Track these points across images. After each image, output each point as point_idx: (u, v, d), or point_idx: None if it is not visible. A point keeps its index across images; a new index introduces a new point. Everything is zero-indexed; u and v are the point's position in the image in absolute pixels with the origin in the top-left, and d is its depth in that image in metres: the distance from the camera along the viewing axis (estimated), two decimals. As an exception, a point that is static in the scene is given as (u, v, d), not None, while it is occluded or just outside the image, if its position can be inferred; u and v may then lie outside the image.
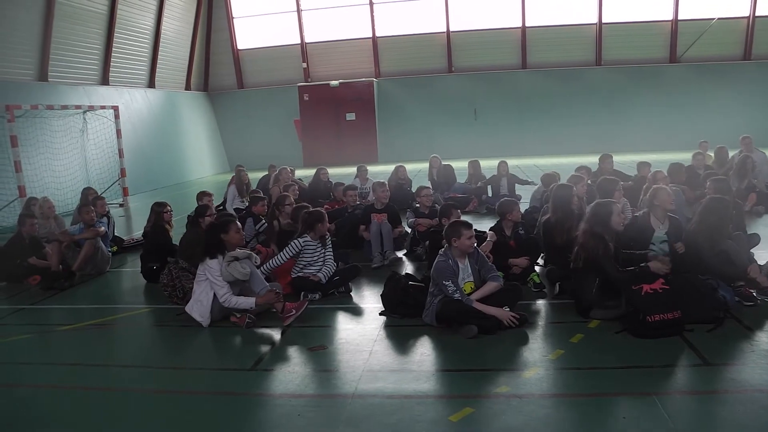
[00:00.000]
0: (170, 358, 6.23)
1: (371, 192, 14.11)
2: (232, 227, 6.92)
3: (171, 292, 7.56)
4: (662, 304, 5.60)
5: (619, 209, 6.46)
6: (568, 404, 4.62)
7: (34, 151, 16.47)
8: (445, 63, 29.08)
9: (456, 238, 6.22)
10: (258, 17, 29.76)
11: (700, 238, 6.46)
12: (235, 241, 6.87)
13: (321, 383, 5.27)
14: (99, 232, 9.53)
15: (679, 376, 5.03)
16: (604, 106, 27.52)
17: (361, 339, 6.12)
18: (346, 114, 28.68)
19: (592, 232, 6.25)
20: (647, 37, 27.67)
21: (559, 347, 5.58)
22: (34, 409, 5.02)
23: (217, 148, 29.86)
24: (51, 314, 7.93)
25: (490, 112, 28.44)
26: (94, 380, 5.56)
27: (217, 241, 6.79)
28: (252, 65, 30.31)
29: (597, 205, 6.51)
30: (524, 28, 28.22)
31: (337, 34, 29.33)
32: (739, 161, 12.02)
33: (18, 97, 16.28)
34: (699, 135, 19.07)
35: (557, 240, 7.27)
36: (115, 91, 22.24)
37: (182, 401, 5.04)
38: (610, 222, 6.26)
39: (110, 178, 19.51)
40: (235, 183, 13.85)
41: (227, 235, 6.82)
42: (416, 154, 23.89)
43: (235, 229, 6.94)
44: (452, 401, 4.75)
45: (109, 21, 21.84)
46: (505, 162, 14.04)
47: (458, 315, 5.96)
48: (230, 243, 6.82)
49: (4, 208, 14.82)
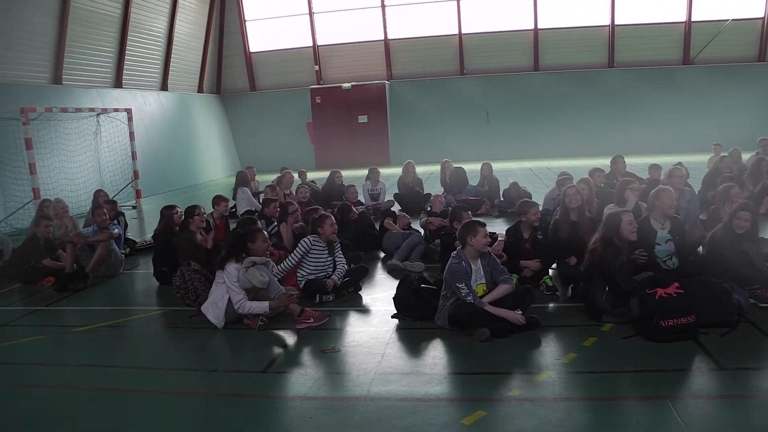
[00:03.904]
0: (183, 359, 6.25)
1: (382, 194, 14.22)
2: (260, 236, 6.95)
3: (183, 294, 7.59)
4: (677, 309, 5.56)
5: (629, 218, 6.43)
6: (580, 408, 4.59)
7: (49, 154, 16.62)
8: (457, 65, 29.05)
9: (472, 236, 6.21)
10: (270, 20, 29.87)
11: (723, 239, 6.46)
12: (261, 250, 6.92)
13: (333, 386, 5.27)
14: (112, 234, 9.58)
15: (693, 380, 4.99)
16: (616, 108, 27.37)
17: (374, 341, 6.12)
18: (359, 116, 28.69)
19: (605, 240, 6.28)
20: (660, 38, 27.50)
21: (571, 351, 5.56)
22: (48, 409, 5.05)
23: (230, 150, 29.97)
24: (65, 316, 7.98)
25: (502, 114, 28.37)
26: (108, 381, 5.59)
27: (242, 249, 6.83)
28: (264, 68, 30.41)
29: (609, 216, 6.57)
30: (536, 30, 28.15)
31: (349, 36, 29.38)
32: (754, 164, 11.93)
33: (33, 100, 16.43)
34: (712, 137, 19.02)
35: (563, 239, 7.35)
36: (129, 93, 22.38)
37: (195, 403, 5.06)
38: (620, 231, 6.28)
39: (123, 180, 19.64)
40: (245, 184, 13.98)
41: (254, 243, 6.87)
42: (428, 157, 23.87)
43: (262, 238, 6.98)
44: (465, 404, 4.74)
45: (123, 24, 21.99)
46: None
47: (471, 318, 5.95)
48: (256, 252, 6.87)
49: (19, 210, 14.93)
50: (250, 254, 6.81)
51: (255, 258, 6.80)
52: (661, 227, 7.07)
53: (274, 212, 10.11)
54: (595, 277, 6.29)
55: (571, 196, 7.74)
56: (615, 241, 6.28)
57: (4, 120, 15.23)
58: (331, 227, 7.73)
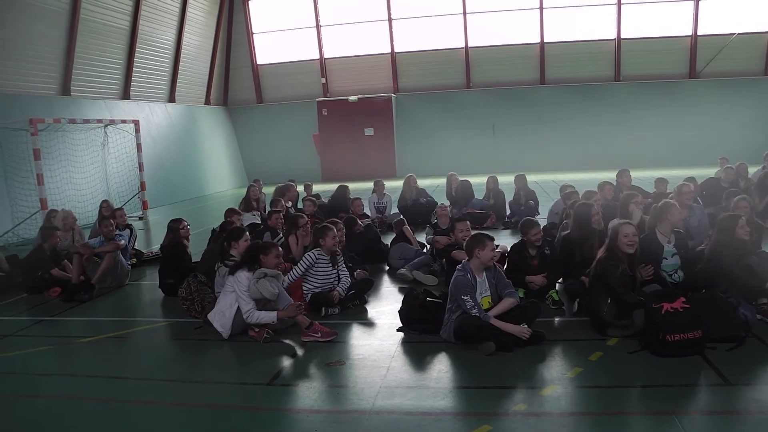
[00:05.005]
0: (188, 371, 6.24)
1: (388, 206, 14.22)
2: (273, 251, 6.98)
3: (189, 305, 7.60)
4: (683, 324, 5.54)
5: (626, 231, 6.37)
6: (586, 423, 4.57)
7: (56, 164, 16.69)
8: (463, 78, 29.14)
9: (480, 249, 6.21)
10: (277, 33, 30.05)
11: (725, 253, 6.44)
12: (271, 264, 6.93)
13: (338, 399, 5.26)
14: (119, 246, 9.61)
15: (699, 395, 4.98)
16: (622, 121, 27.37)
17: (379, 355, 6.12)
18: (365, 129, 28.79)
19: (608, 251, 6.27)
20: (666, 52, 27.55)
21: (577, 365, 5.54)
22: (53, 419, 5.06)
23: (236, 162, 30.06)
24: (71, 326, 8.00)
25: (508, 127, 28.42)
26: (113, 392, 5.59)
27: (253, 258, 6.85)
28: (271, 80, 30.56)
29: (612, 227, 6.57)
30: (543, 43, 28.24)
31: (356, 49, 29.52)
32: (760, 178, 11.89)
33: (41, 111, 16.53)
34: (718, 151, 18.98)
35: (576, 257, 7.30)
36: (136, 105, 22.50)
37: (200, 415, 5.06)
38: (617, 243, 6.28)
39: (130, 191, 19.70)
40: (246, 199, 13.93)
41: (266, 257, 6.88)
42: (435, 169, 23.89)
43: (276, 253, 7.00)
44: (470, 418, 4.72)
45: (131, 36, 22.16)
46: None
47: (476, 331, 5.94)
48: (266, 265, 6.88)
49: (27, 220, 14.99)
50: (260, 265, 6.83)
51: (266, 270, 6.81)
52: (667, 241, 7.06)
53: (276, 223, 10.10)
54: (598, 288, 6.28)
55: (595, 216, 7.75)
56: (616, 252, 6.27)
57: (13, 130, 15.32)
58: (333, 239, 7.74)
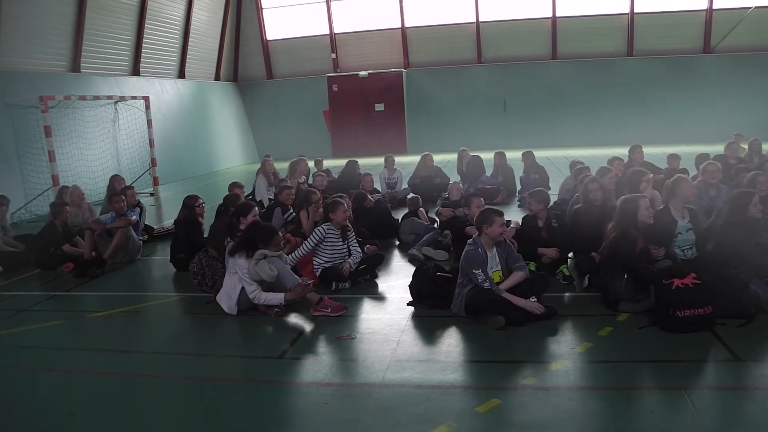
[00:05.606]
0: (199, 345, 6.30)
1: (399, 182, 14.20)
2: (275, 239, 6.88)
3: (200, 280, 7.65)
4: (693, 300, 5.52)
5: (646, 203, 6.40)
6: (595, 397, 4.59)
7: (67, 141, 16.74)
8: (474, 53, 28.87)
9: (488, 225, 6.21)
10: (287, 7, 29.79)
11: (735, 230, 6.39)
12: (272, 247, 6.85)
13: (349, 372, 5.31)
14: (130, 221, 9.67)
15: (708, 371, 4.98)
16: (635, 97, 27.07)
17: (389, 329, 6.14)
18: (375, 104, 28.62)
19: (621, 228, 6.24)
20: (681, 26, 27.10)
21: (587, 340, 5.54)
22: (66, 393, 5.13)
23: (247, 138, 30.03)
24: (83, 301, 8.06)
25: (519, 103, 28.17)
26: (125, 366, 5.65)
27: (250, 244, 6.77)
28: (281, 56, 30.39)
29: (624, 201, 6.50)
30: (555, 18, 27.89)
31: (366, 24, 29.24)
32: (773, 156, 11.75)
33: (51, 88, 16.56)
34: (733, 127, 18.81)
35: (585, 230, 7.27)
36: (146, 81, 22.47)
37: (211, 389, 5.10)
38: (637, 217, 6.25)
39: (141, 167, 19.76)
40: (263, 173, 13.87)
41: (266, 246, 6.77)
42: (445, 145, 23.77)
43: (276, 242, 6.92)
44: (479, 392, 4.75)
45: (140, 12, 22.04)
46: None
47: (488, 305, 5.95)
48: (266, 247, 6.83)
49: (38, 197, 15.09)
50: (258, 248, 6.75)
51: (266, 251, 6.74)
52: (681, 216, 7.01)
53: (287, 199, 10.08)
54: (614, 265, 6.25)
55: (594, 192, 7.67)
56: (631, 228, 6.23)
57: (24, 108, 15.37)
58: (344, 213, 7.75)
